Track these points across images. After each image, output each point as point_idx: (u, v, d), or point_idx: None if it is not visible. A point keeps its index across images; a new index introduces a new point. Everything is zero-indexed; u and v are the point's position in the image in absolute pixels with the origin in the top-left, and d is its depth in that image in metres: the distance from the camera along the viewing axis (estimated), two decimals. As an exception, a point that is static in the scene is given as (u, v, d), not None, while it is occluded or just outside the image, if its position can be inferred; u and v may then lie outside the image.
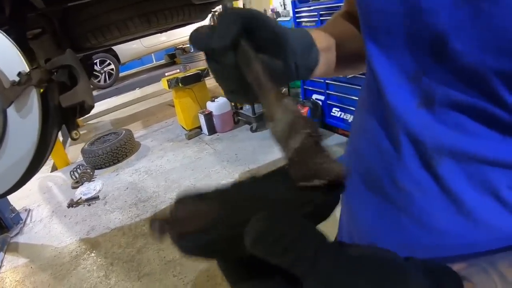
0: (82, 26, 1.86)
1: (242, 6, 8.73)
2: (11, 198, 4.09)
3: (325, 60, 0.69)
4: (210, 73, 0.51)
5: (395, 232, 0.61)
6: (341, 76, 0.75)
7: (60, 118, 1.15)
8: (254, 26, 0.48)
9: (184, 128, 5.94)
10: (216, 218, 0.33)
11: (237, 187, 0.37)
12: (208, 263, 2.87)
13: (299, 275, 0.28)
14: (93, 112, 6.48)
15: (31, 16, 1.48)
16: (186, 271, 2.90)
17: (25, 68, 1.00)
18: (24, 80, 0.97)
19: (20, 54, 0.99)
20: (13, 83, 0.99)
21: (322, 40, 0.69)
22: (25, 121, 1.03)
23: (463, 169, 0.51)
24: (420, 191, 0.55)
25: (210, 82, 6.28)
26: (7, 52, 1.00)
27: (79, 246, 3.51)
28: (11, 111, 1.04)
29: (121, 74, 9.07)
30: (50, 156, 5.30)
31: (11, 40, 0.99)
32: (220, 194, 0.36)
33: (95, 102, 1.18)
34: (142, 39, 6.72)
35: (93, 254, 3.35)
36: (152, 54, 10.31)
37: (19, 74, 0.98)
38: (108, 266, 3.14)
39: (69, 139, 6.70)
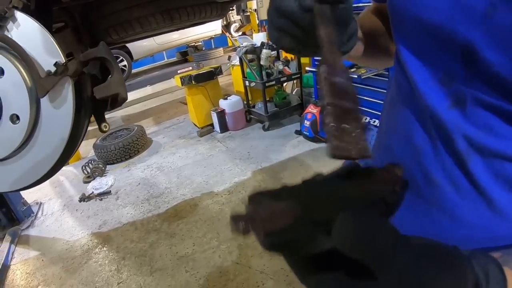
0: (104, 21, 1.86)
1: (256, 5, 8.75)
2: (22, 191, 4.11)
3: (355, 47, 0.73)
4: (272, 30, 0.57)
5: (426, 226, 0.63)
6: (365, 65, 0.80)
7: (91, 109, 1.15)
8: None
9: (196, 126, 5.96)
10: (299, 216, 0.33)
11: (307, 186, 0.38)
12: (221, 259, 2.89)
13: (374, 268, 0.29)
14: (104, 108, 6.51)
15: (54, 9, 1.49)
16: (198, 266, 2.90)
17: (61, 58, 1.00)
18: (60, 71, 0.97)
19: (56, 45, 1.00)
20: (49, 73, 0.99)
21: None
22: (59, 112, 1.03)
23: (491, 166, 0.54)
24: (453, 186, 0.58)
25: (223, 80, 6.28)
26: (44, 42, 1.00)
27: (90, 240, 3.53)
28: (44, 101, 1.04)
29: (133, 71, 9.09)
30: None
31: (48, 31, 1.00)
32: (293, 193, 0.36)
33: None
34: (155, 37, 6.74)
35: (105, 248, 3.36)
36: (164, 52, 10.33)
37: (56, 64, 0.99)
38: (120, 261, 3.15)
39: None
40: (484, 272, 0.34)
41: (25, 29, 1.03)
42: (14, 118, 1.05)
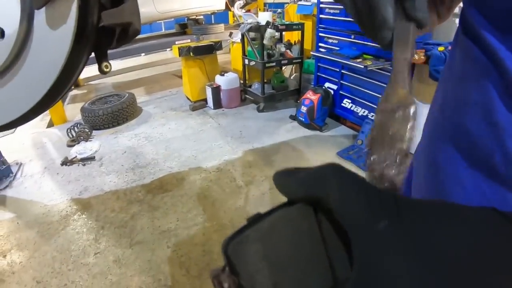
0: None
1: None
2: (3, 149, 3.95)
3: None
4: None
5: None
6: None
7: (93, 41, 0.97)
8: None
9: (189, 99, 5.84)
10: None
11: None
12: (205, 237, 2.78)
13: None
14: (94, 72, 6.41)
15: None
16: (181, 243, 2.78)
17: None
18: (66, -20, 0.80)
19: None
20: (52, -18, 0.82)
21: None
22: (55, 34, 0.85)
23: None
24: None
25: (221, 57, 6.17)
26: None
27: (70, 206, 3.37)
28: (39, 17, 0.86)
29: (128, 38, 8.88)
30: (47, 111, 5.10)
31: None
32: None
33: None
34: (156, 4, 6.55)
35: (84, 216, 3.21)
36: (162, 22, 10.14)
37: (61, -31, 0.81)
38: (99, 230, 3.00)
39: (68, 97, 6.55)
40: None
41: None
42: (-2, 33, 0.87)
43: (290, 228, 0.29)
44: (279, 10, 6.04)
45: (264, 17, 5.14)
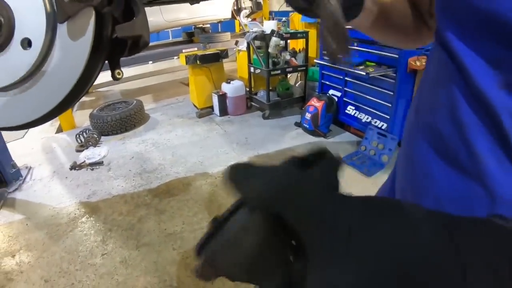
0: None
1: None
2: (13, 153, 4.03)
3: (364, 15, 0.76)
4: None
5: (467, 202, 0.62)
6: (373, 38, 0.79)
7: (108, 51, 1.05)
8: None
9: (196, 107, 5.91)
10: None
11: None
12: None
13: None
14: (103, 80, 6.49)
15: None
16: (186, 246, 2.84)
17: None
18: (85, -3, 0.89)
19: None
20: (73, -1, 0.90)
21: None
22: (75, 45, 0.93)
23: None
24: (495, 160, 0.57)
25: (227, 65, 6.24)
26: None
27: (78, 209, 3.44)
28: (61, 30, 0.94)
29: (135, 46, 8.95)
30: (56, 117, 5.21)
31: None
32: None
33: (108, 70, 1.09)
34: (164, 13, 6.64)
35: (92, 218, 3.28)
36: (170, 30, 10.21)
37: (82, -11, 0.90)
38: (106, 232, 3.07)
39: (77, 103, 6.64)
40: None
41: None
42: (25, 43, 0.95)
43: (253, 239, 0.34)
44: (284, 18, 6.10)
45: (269, 25, 5.21)
